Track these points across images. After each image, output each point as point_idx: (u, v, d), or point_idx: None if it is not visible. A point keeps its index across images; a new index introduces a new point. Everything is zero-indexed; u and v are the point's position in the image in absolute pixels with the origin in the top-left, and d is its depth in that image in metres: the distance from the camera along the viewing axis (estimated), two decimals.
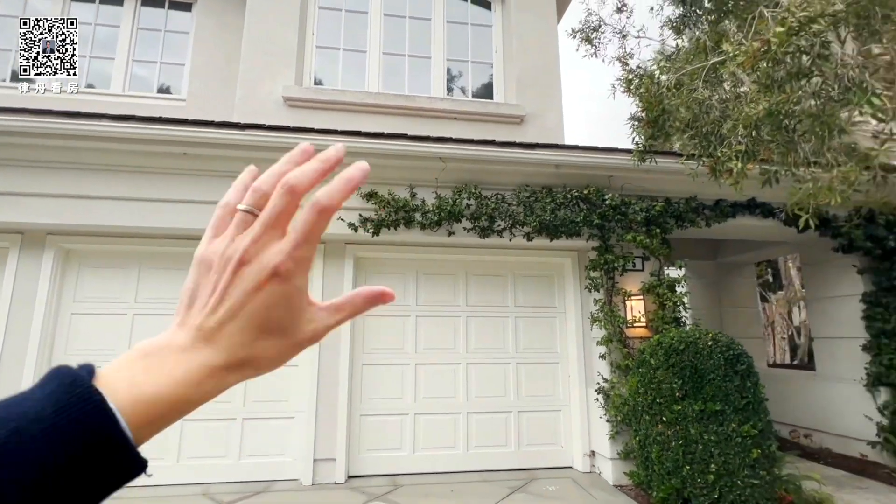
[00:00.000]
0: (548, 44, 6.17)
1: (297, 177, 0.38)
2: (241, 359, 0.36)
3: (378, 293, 0.44)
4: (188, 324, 0.36)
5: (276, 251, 0.37)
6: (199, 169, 4.41)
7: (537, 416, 5.01)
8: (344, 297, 0.41)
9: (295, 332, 0.39)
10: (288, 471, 4.48)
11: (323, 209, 0.38)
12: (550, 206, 4.61)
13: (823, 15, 2.30)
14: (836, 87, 2.29)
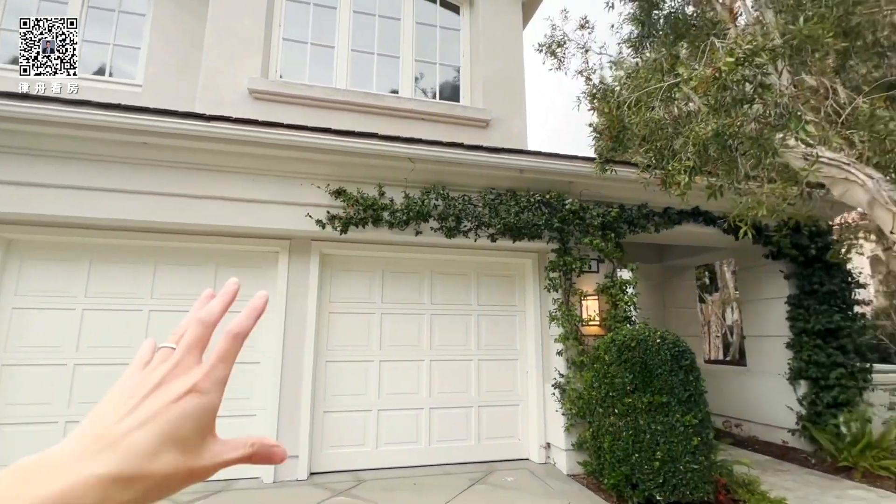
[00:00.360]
0: (513, 51, 6.38)
1: (208, 312, 0.45)
2: (136, 471, 0.35)
3: (271, 451, 0.43)
4: (88, 434, 0.36)
5: (196, 371, 0.41)
6: (160, 159, 4.26)
7: (497, 411, 5.20)
8: (241, 439, 0.42)
9: (197, 455, 0.39)
10: (248, 469, 4.42)
11: (236, 335, 0.45)
12: (514, 210, 4.81)
13: (765, 48, 2.59)
14: (772, 113, 2.59)
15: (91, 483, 0.33)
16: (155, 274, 4.57)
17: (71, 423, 4.16)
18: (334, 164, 4.62)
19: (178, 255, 4.63)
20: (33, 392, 4.14)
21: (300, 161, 4.54)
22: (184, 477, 0.38)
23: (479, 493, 4.19)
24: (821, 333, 5.57)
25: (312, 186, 4.58)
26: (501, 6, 6.51)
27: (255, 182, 4.49)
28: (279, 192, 4.54)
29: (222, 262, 4.73)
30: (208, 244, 4.66)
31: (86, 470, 0.34)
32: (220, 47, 5.37)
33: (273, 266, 4.81)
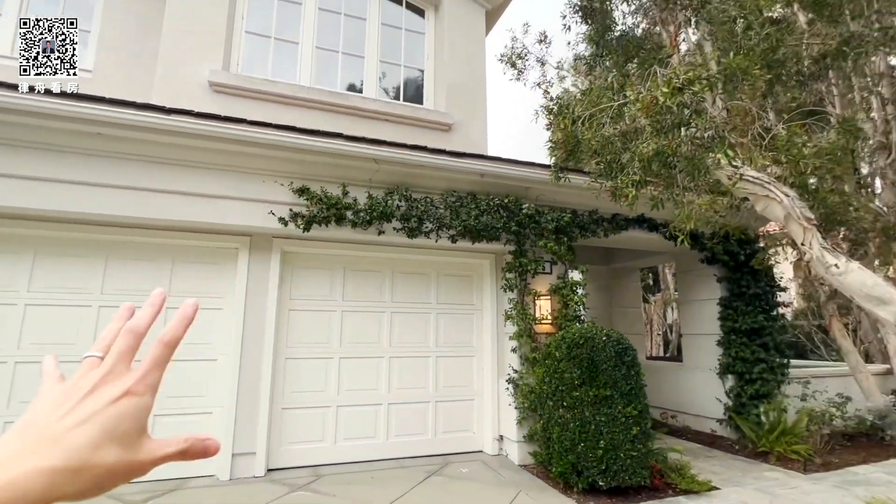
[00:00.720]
0: (476, 58, 6.58)
1: (137, 321, 0.48)
2: (80, 463, 0.37)
3: (205, 445, 0.46)
4: (27, 433, 0.38)
5: (128, 378, 0.43)
6: (117, 151, 4.14)
7: (453, 406, 5.40)
8: (176, 436, 0.45)
9: (136, 451, 0.41)
10: (202, 467, 4.39)
11: (167, 343, 0.48)
12: (475, 213, 5.01)
13: (700, 78, 2.91)
14: (705, 136, 2.91)
15: (35, 475, 0.35)
16: (106, 269, 4.42)
17: (10, 424, 3.97)
18: (298, 163, 4.65)
19: (132, 249, 4.50)
20: None
21: (263, 158, 4.53)
22: (125, 471, 0.40)
23: (434, 485, 4.36)
24: (747, 332, 6.14)
25: (275, 184, 4.59)
26: (465, 13, 6.70)
27: (216, 177, 4.44)
28: (241, 188, 4.51)
29: (179, 258, 4.65)
30: (165, 239, 4.56)
31: (29, 464, 0.36)
32: (179, 37, 5.24)
33: (232, 262, 4.77)
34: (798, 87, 4.97)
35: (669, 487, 4.26)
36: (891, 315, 3.01)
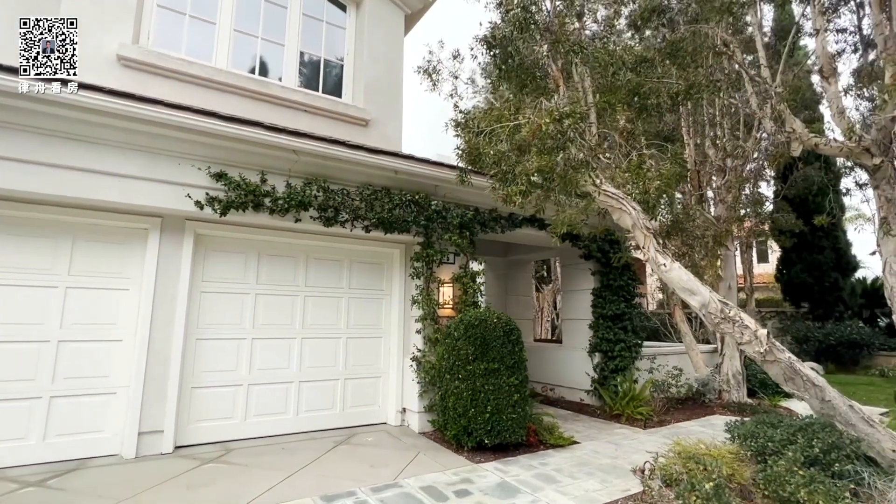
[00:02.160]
0: (394, 59, 6.98)
1: None
2: None
3: None
4: None
5: None
6: (13, 122, 3.93)
7: (361, 383, 5.86)
8: None
9: None
10: (106, 446, 4.39)
11: None
12: (388, 206, 5.47)
13: (574, 112, 3.66)
14: (578, 159, 3.69)
15: None
16: None
17: None
18: (217, 148, 4.73)
19: (27, 225, 4.30)
20: None
21: (180, 141, 4.56)
22: None
23: (342, 452, 4.81)
24: (612, 317, 7.36)
25: (192, 167, 4.64)
26: (385, 14, 7.04)
27: (125, 156, 4.39)
28: (153, 168, 4.50)
29: (81, 236, 4.51)
30: (66, 216, 4.40)
31: None
32: (83, 4, 4.95)
33: (141, 243, 4.74)
34: (658, 117, 6.10)
35: (541, 444, 5.15)
36: (697, 302, 4.06)
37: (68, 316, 4.39)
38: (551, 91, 4.56)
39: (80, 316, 4.44)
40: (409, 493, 3.78)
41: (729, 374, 7.76)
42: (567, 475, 4.28)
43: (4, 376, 4.10)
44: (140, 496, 3.58)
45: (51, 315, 4.33)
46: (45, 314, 4.31)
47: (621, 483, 4.10)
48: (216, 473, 4.11)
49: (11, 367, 4.14)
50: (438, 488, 3.91)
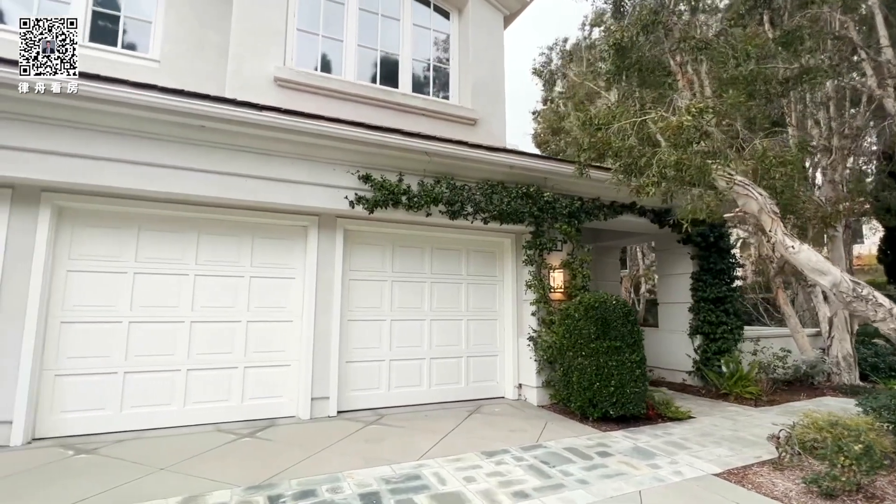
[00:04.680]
0: (496, 59, 7.41)
1: None
2: None
3: None
4: None
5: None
6: (212, 141, 4.77)
7: (481, 360, 6.45)
8: None
9: None
10: (286, 409, 5.25)
11: None
12: (507, 199, 5.96)
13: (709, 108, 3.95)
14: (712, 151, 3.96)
15: None
16: (199, 242, 5.10)
17: (129, 373, 4.69)
18: (362, 153, 5.41)
19: (219, 226, 5.19)
20: (91, 346, 4.59)
21: (333, 149, 5.27)
22: None
23: (477, 420, 5.42)
24: (713, 300, 7.49)
25: (344, 171, 5.35)
26: (486, 17, 7.48)
27: (292, 165, 5.15)
28: (314, 174, 5.24)
29: (258, 234, 5.37)
30: (246, 217, 5.26)
31: None
32: (245, 36, 5.79)
33: (302, 238, 5.54)
34: (766, 103, 6.15)
35: (659, 417, 5.50)
36: (828, 282, 4.23)
37: (253, 300, 5.27)
38: (669, 86, 4.82)
39: (261, 301, 5.30)
40: (555, 452, 4.30)
41: (839, 356, 7.66)
42: (694, 443, 4.63)
43: (211, 350, 5.03)
44: (334, 445, 4.35)
45: (240, 300, 5.22)
46: (237, 299, 5.21)
47: (749, 451, 4.39)
48: (382, 432, 4.83)
49: (215, 342, 5.06)
50: (580, 449, 4.40)
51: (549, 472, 3.83)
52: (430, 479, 3.64)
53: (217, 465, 3.85)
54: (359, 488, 3.43)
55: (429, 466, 3.90)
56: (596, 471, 3.88)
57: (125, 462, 3.85)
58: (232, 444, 4.39)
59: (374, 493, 3.36)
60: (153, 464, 3.80)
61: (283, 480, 3.54)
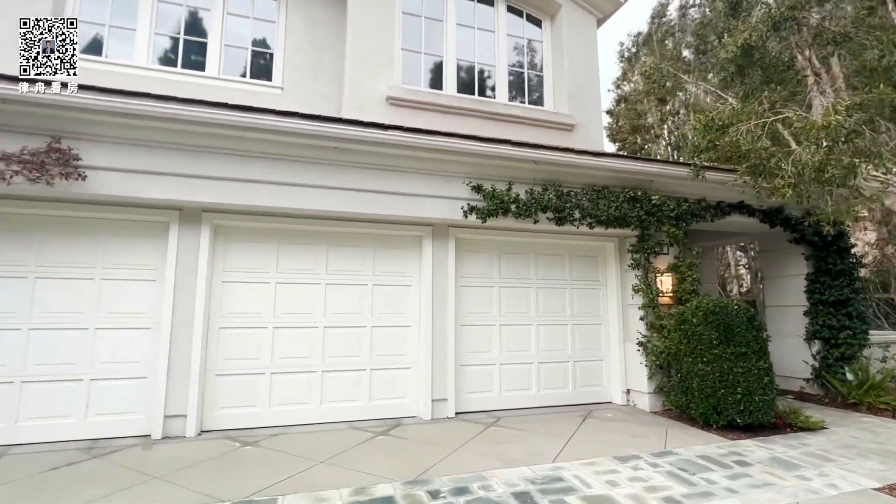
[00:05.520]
0: (590, 63, 7.41)
1: None
2: None
3: None
4: None
5: None
6: (341, 160, 5.17)
7: (587, 365, 6.47)
8: None
9: None
10: (408, 409, 5.56)
11: None
12: (614, 203, 5.96)
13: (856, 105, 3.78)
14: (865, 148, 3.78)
15: None
16: (328, 254, 5.53)
17: (275, 374, 5.17)
18: (473, 165, 5.62)
19: (345, 238, 5.60)
20: (242, 349, 5.12)
21: (446, 162, 5.52)
22: None
23: (593, 425, 5.45)
24: (833, 303, 7.02)
25: (458, 183, 5.59)
26: (579, 22, 7.49)
27: (409, 179, 5.46)
28: (430, 186, 5.52)
29: (378, 245, 5.73)
30: (368, 229, 5.63)
31: None
32: (360, 60, 6.21)
33: (416, 247, 5.84)
34: None
35: (788, 426, 5.27)
36: None
37: (376, 307, 5.63)
38: (798, 82, 4.64)
39: (383, 307, 5.65)
40: (689, 460, 4.26)
41: None
42: (838, 455, 4.40)
43: (341, 353, 5.43)
44: (466, 446, 4.57)
45: (365, 306, 5.60)
46: (362, 306, 5.59)
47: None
48: (505, 435, 4.99)
49: (344, 346, 5.46)
50: (714, 457, 4.33)
51: (691, 479, 3.82)
52: (573, 481, 3.74)
53: (367, 459, 4.17)
54: (508, 487, 3.60)
55: (566, 469, 4.01)
56: (740, 480, 3.81)
57: (287, 455, 4.28)
58: (370, 441, 4.72)
59: (524, 492, 3.52)
60: (312, 457, 4.19)
61: (434, 477, 3.79)
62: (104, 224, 4.82)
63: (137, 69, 6.06)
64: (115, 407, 4.65)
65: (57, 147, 4.27)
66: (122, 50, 6.19)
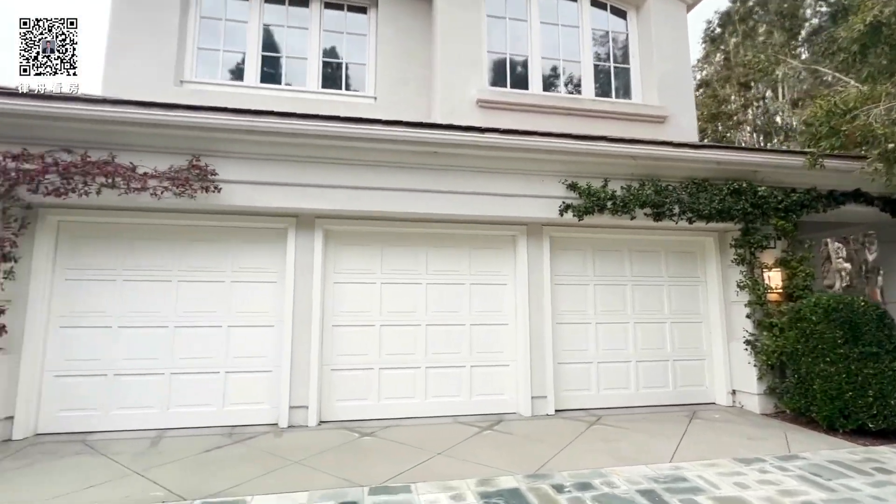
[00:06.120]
0: (680, 52, 7.15)
1: None
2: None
3: None
4: None
5: None
6: (440, 164, 5.37)
7: (687, 364, 6.26)
8: None
9: None
10: (508, 406, 5.66)
11: None
12: (716, 197, 5.73)
13: None
14: None
15: None
16: (427, 255, 5.76)
17: (382, 369, 5.47)
18: (568, 163, 5.62)
19: (442, 239, 5.79)
20: (353, 345, 5.45)
21: (541, 161, 5.56)
22: None
23: (701, 426, 5.28)
24: None
25: (552, 182, 5.61)
26: (668, 10, 7.25)
27: (506, 179, 5.55)
28: (525, 186, 5.59)
29: (473, 245, 5.88)
30: (464, 230, 5.79)
31: None
32: (450, 66, 6.40)
33: (510, 247, 5.93)
34: None
35: None
36: None
37: (474, 305, 5.78)
38: None
39: (480, 305, 5.80)
40: (820, 465, 4.03)
41: None
42: None
43: (442, 350, 5.63)
44: (575, 443, 4.60)
45: (463, 305, 5.76)
46: (460, 304, 5.76)
47: None
48: (612, 433, 4.96)
49: (445, 343, 5.65)
50: (847, 463, 4.07)
51: (827, 484, 3.63)
52: (698, 481, 3.67)
53: (481, 452, 4.32)
54: (632, 485, 3.60)
55: (687, 469, 3.94)
56: (885, 488, 3.57)
57: (404, 445, 4.52)
58: (478, 435, 4.87)
59: (649, 490, 3.51)
60: (428, 448, 4.40)
61: (553, 472, 3.86)
62: (232, 231, 5.31)
63: (247, 88, 6.62)
64: (246, 397, 5.12)
65: (196, 164, 4.78)
66: (232, 73, 6.77)
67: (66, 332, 4.89)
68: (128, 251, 5.11)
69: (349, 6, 7.05)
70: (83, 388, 4.85)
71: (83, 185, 4.49)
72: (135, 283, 5.08)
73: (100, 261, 5.05)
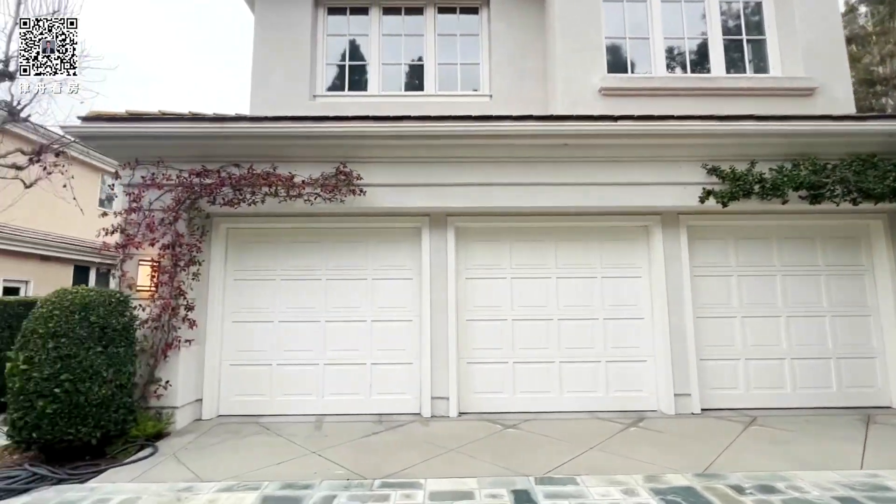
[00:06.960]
0: (830, 13, 6.40)
1: None
2: None
3: None
4: None
5: None
6: (570, 156, 5.30)
7: (853, 362, 5.58)
8: None
9: None
10: (646, 403, 5.44)
11: None
12: (892, 174, 5.04)
13: None
14: None
15: None
16: (556, 248, 5.71)
17: (517, 363, 5.51)
18: (706, 146, 5.27)
19: (571, 232, 5.71)
20: (487, 339, 5.55)
21: (677, 147, 5.27)
22: None
23: (885, 431, 4.67)
24: None
25: (689, 168, 5.30)
26: None
27: (638, 167, 5.34)
28: (659, 174, 5.33)
29: (603, 237, 5.73)
30: (593, 223, 5.66)
31: None
32: (571, 57, 6.29)
33: (643, 238, 5.69)
34: None
35: None
36: None
37: (606, 299, 5.63)
38: None
39: (613, 299, 5.63)
40: None
41: None
42: None
43: (576, 344, 5.55)
44: (734, 443, 4.30)
45: (595, 299, 5.64)
46: (592, 298, 5.64)
47: None
48: (776, 434, 4.56)
49: (578, 337, 5.57)
50: None
51: None
52: None
53: (636, 449, 4.18)
54: (823, 491, 3.29)
55: (886, 478, 3.51)
56: None
57: (550, 439, 4.52)
58: (625, 431, 4.73)
59: (847, 497, 3.18)
60: (577, 442, 4.35)
61: (723, 472, 3.63)
62: (372, 232, 5.66)
63: (371, 97, 7.02)
64: (390, 388, 5.43)
65: (343, 170, 5.15)
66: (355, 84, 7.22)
67: (237, 326, 5.52)
68: (283, 253, 5.65)
69: (461, 8, 7.20)
70: (252, 376, 5.45)
71: (251, 195, 5.04)
72: (290, 283, 5.60)
73: (261, 262, 5.63)
